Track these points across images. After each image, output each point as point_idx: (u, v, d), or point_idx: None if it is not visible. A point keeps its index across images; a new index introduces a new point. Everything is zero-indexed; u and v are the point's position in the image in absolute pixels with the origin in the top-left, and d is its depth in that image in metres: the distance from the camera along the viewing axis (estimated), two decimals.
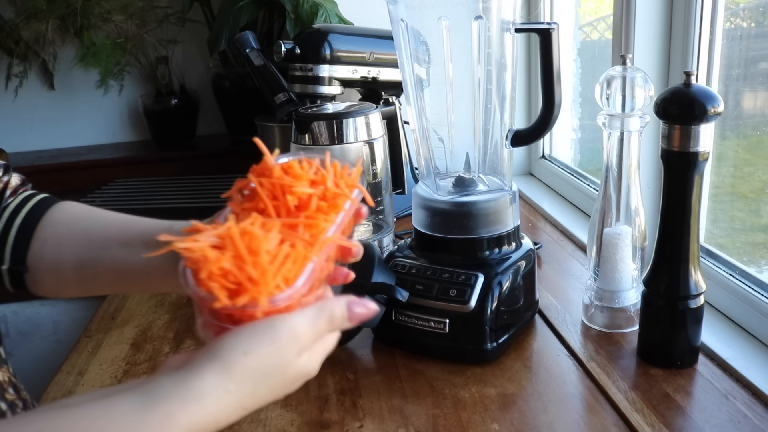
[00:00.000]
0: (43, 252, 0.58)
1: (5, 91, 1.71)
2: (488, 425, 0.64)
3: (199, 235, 0.41)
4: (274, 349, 0.41)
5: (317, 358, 0.44)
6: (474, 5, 0.74)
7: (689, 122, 0.65)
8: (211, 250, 0.40)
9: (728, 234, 0.94)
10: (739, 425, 0.62)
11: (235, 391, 0.40)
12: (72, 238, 0.59)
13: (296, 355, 0.42)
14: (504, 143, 0.81)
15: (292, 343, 0.41)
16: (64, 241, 0.58)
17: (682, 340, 0.71)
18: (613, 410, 0.66)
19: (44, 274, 0.59)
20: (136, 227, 0.58)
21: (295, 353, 0.42)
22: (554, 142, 1.40)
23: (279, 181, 0.44)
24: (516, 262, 0.78)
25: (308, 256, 0.42)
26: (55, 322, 1.29)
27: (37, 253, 0.58)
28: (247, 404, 0.41)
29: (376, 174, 0.99)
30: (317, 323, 0.43)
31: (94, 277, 0.58)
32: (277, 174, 0.44)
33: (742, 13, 0.93)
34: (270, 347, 0.41)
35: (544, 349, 0.78)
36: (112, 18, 1.61)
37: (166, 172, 1.68)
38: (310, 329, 0.42)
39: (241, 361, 0.40)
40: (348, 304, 0.45)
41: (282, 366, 0.41)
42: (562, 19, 1.33)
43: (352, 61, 1.13)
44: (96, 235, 0.58)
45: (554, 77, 0.76)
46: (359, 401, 0.69)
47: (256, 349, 0.40)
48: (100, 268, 0.57)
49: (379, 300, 0.74)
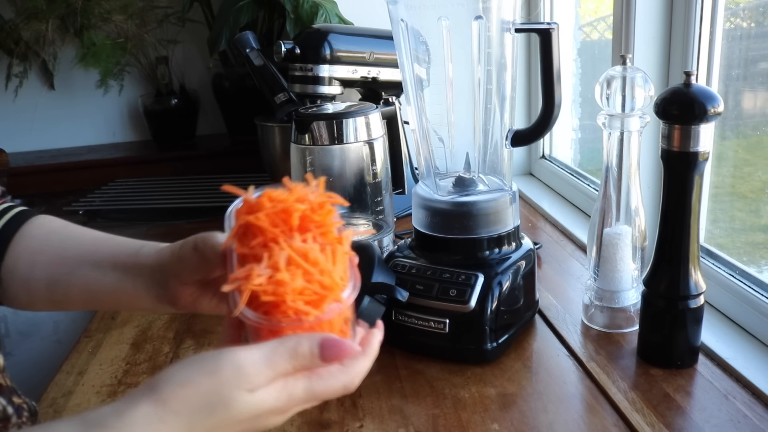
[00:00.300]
0: (15, 267, 0.58)
1: (5, 91, 1.71)
2: (488, 425, 0.64)
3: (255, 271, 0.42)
4: (213, 382, 0.39)
5: (283, 398, 0.41)
6: (474, 5, 0.74)
7: (689, 122, 0.65)
8: (284, 275, 0.41)
9: (728, 234, 0.94)
10: (739, 425, 0.62)
11: (170, 422, 0.38)
12: (44, 256, 0.58)
13: (246, 391, 0.40)
14: (504, 143, 0.81)
15: (237, 377, 0.39)
16: (37, 258, 0.58)
17: (682, 340, 0.71)
18: (613, 410, 0.66)
19: (17, 289, 0.58)
20: (106, 248, 0.57)
21: (242, 388, 0.39)
22: (554, 142, 1.40)
23: (277, 206, 0.44)
24: (516, 262, 0.78)
25: (344, 251, 0.45)
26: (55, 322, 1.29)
27: (10, 267, 0.58)
28: None
29: (376, 174, 0.99)
30: (273, 359, 0.40)
31: (66, 295, 0.58)
32: (268, 204, 0.44)
33: (742, 13, 0.93)
34: (209, 378, 0.39)
35: (544, 349, 0.78)
36: (112, 18, 1.61)
37: (166, 172, 1.68)
38: (261, 364, 0.40)
39: (176, 392, 0.39)
40: (321, 341, 0.41)
41: (224, 400, 0.39)
42: (562, 19, 1.32)
43: (352, 61, 1.13)
44: (68, 253, 0.58)
45: (554, 77, 0.76)
46: (359, 401, 0.70)
47: (194, 380, 0.39)
48: (72, 288, 0.57)
49: (379, 300, 0.74)
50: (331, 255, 0.44)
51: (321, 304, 0.42)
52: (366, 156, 0.97)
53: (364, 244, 0.81)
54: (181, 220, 1.33)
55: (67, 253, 0.58)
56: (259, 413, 0.40)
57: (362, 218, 1.02)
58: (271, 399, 0.40)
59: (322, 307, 0.42)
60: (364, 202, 1.01)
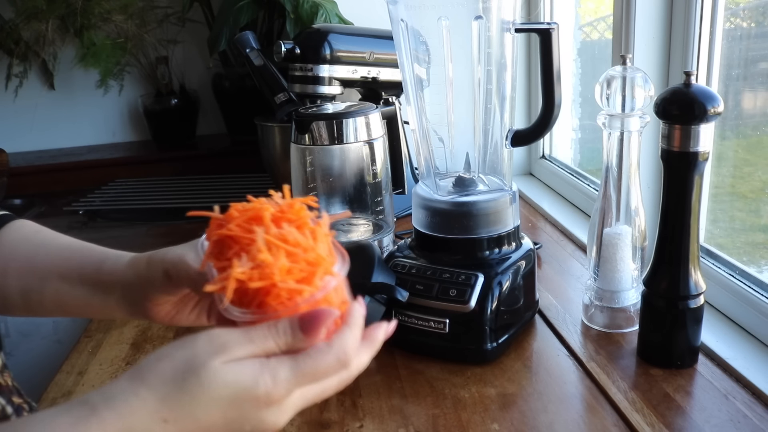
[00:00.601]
0: None
1: (5, 91, 1.71)
2: (488, 425, 0.64)
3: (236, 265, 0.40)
4: (187, 352, 0.39)
5: (267, 380, 0.39)
6: (474, 5, 0.74)
7: (689, 122, 0.65)
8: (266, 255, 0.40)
9: (728, 234, 0.94)
10: (739, 425, 0.62)
11: (146, 396, 0.38)
12: (16, 263, 0.58)
13: (220, 361, 0.38)
14: (504, 143, 0.81)
15: (210, 344, 0.39)
16: (9, 266, 0.58)
17: (682, 340, 0.71)
18: (613, 410, 0.66)
19: None
20: (72, 261, 0.57)
21: (215, 357, 0.38)
22: (554, 142, 1.40)
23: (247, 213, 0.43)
24: (516, 262, 0.78)
25: (325, 232, 0.44)
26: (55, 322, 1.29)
27: None
28: (166, 415, 0.38)
29: (376, 174, 0.99)
30: (251, 331, 0.39)
31: (40, 304, 0.57)
32: (237, 214, 0.43)
33: (742, 13, 0.93)
34: (184, 350, 0.39)
35: (544, 349, 0.78)
36: (112, 18, 1.61)
37: (166, 172, 1.68)
38: (238, 334, 0.39)
39: (152, 365, 0.39)
40: (301, 315, 0.40)
41: (195, 369, 0.38)
42: (562, 19, 1.33)
43: (352, 61, 1.13)
44: (37, 263, 0.57)
45: (554, 77, 0.76)
46: (359, 401, 0.70)
47: (170, 354, 0.39)
48: (46, 298, 0.57)
49: (379, 300, 0.74)
50: (311, 235, 0.43)
51: (312, 281, 0.41)
52: (366, 156, 0.97)
53: (364, 244, 0.81)
54: (181, 220, 1.33)
55: (37, 263, 0.57)
56: (239, 394, 0.38)
57: (362, 218, 1.02)
58: (250, 376, 0.38)
59: (314, 282, 0.41)
60: (364, 202, 1.01)
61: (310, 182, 1.00)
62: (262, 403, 0.39)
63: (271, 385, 0.39)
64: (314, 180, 1.00)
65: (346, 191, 1.00)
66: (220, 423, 0.39)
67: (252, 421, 0.39)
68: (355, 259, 0.77)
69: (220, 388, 0.38)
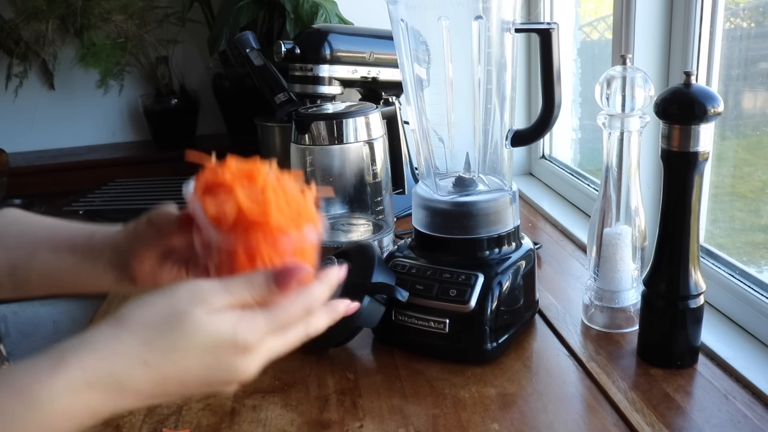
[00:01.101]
0: None
1: (5, 91, 1.71)
2: (488, 425, 0.64)
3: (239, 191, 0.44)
4: (170, 300, 0.41)
5: (244, 328, 0.41)
6: (474, 5, 0.74)
7: (689, 122, 0.65)
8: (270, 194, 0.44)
9: (728, 234, 0.94)
10: (739, 425, 0.62)
11: (127, 339, 0.39)
12: (3, 244, 0.59)
13: (202, 310, 0.40)
14: (504, 143, 0.81)
15: (192, 294, 0.41)
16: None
17: (682, 340, 0.71)
18: (613, 410, 0.66)
19: None
20: (62, 233, 0.59)
21: (198, 306, 0.40)
22: (554, 142, 1.40)
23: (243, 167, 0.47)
24: (516, 262, 0.78)
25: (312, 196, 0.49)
26: (55, 322, 1.29)
27: None
28: (148, 358, 0.39)
29: (376, 174, 0.99)
30: (230, 284, 0.42)
31: (27, 280, 0.59)
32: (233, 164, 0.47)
33: (742, 13, 0.93)
34: (166, 298, 0.41)
35: (544, 349, 0.78)
36: (112, 18, 1.61)
37: (166, 172, 1.68)
38: (218, 286, 0.42)
39: (133, 312, 0.40)
40: (276, 269, 0.43)
41: (179, 315, 0.40)
42: (562, 19, 1.33)
43: (352, 61, 1.13)
44: (26, 240, 0.59)
45: (554, 77, 0.76)
46: (359, 401, 0.69)
47: (151, 301, 0.41)
48: (33, 273, 0.58)
49: (379, 300, 0.74)
50: (301, 194, 0.47)
51: (300, 227, 0.45)
52: (366, 156, 0.97)
53: (364, 244, 0.81)
54: None
55: (26, 239, 0.59)
56: (218, 342, 0.40)
57: (362, 218, 1.02)
58: (229, 326, 0.41)
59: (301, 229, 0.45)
60: (364, 202, 1.01)
61: (310, 182, 1.00)
62: (239, 351, 0.41)
63: (248, 333, 0.41)
64: (314, 180, 1.00)
65: (346, 191, 1.00)
66: (197, 369, 0.41)
67: (226, 368, 0.42)
68: (355, 259, 0.77)
69: (201, 336, 0.40)
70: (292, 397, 0.71)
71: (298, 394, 0.71)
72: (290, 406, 0.69)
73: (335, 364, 0.76)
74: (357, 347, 0.80)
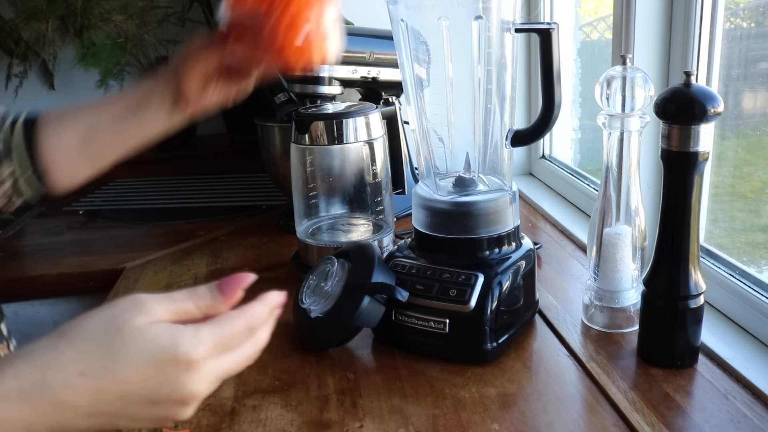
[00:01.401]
0: (50, 147, 0.68)
1: (5, 91, 1.71)
2: (488, 425, 0.64)
3: None
4: (111, 310, 0.41)
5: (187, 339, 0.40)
6: (474, 5, 0.74)
7: (689, 122, 0.65)
8: None
9: (728, 234, 0.94)
10: (739, 425, 0.62)
11: (64, 349, 0.39)
12: (66, 123, 0.69)
13: (144, 322, 0.40)
14: (504, 143, 0.81)
15: (132, 303, 0.41)
16: (64, 128, 0.69)
17: (682, 340, 0.71)
18: (613, 410, 0.66)
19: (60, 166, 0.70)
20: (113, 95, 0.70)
21: (137, 313, 0.40)
22: (554, 142, 1.41)
23: None
24: (516, 262, 0.78)
25: None
26: (56, 322, 1.29)
27: (46, 153, 0.68)
28: (84, 368, 0.38)
29: (376, 174, 0.99)
30: (173, 295, 0.42)
31: (98, 144, 0.70)
32: None
33: (742, 13, 0.93)
34: (107, 309, 0.41)
35: (544, 349, 0.78)
36: (112, 18, 1.61)
37: (166, 172, 1.68)
38: (162, 297, 0.42)
39: (76, 323, 0.40)
40: (219, 281, 0.43)
41: (117, 325, 0.39)
42: (562, 19, 1.33)
43: (352, 61, 1.13)
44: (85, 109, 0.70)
45: (554, 77, 0.76)
46: (359, 401, 0.70)
47: (94, 313, 0.41)
48: (99, 132, 0.69)
49: (379, 300, 0.74)
50: None
51: None
52: (366, 156, 0.97)
53: (364, 244, 0.81)
54: (181, 220, 1.32)
55: (85, 108, 0.70)
56: (157, 352, 0.39)
57: (362, 218, 1.02)
58: (169, 336, 0.40)
59: None
60: (364, 202, 1.01)
61: (310, 182, 1.00)
62: (181, 365, 0.40)
63: (190, 346, 0.40)
64: (314, 180, 1.00)
65: (346, 191, 1.00)
66: (137, 382, 0.39)
67: (171, 384, 0.40)
68: (355, 259, 0.77)
69: (140, 346, 0.39)
70: (292, 397, 0.71)
71: (298, 394, 0.71)
72: (290, 406, 0.69)
73: (335, 364, 0.76)
74: (357, 347, 0.80)
